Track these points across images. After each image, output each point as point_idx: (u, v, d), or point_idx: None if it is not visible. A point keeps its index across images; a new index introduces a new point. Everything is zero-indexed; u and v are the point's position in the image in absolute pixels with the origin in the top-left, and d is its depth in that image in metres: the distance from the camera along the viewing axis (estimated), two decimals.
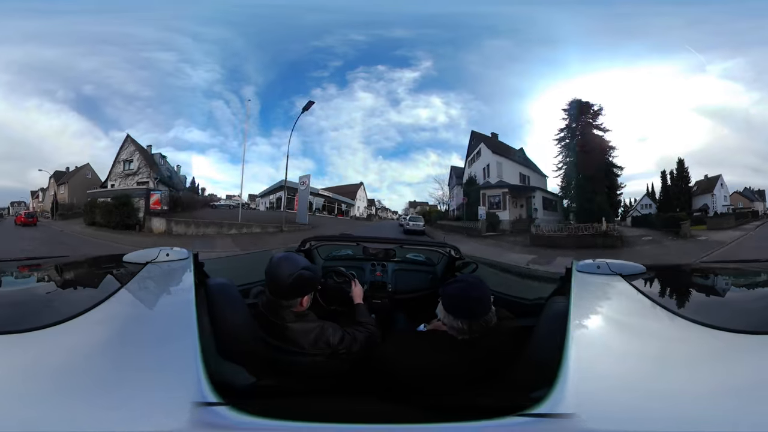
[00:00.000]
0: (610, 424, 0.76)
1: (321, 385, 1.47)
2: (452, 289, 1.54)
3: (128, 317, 1.19)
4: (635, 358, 0.97)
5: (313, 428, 0.83)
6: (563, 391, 0.83)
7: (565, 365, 0.90)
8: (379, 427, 0.84)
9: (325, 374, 1.51)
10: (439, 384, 1.33)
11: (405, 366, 1.42)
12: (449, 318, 1.49)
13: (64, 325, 1.03)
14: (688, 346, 1.01)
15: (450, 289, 1.55)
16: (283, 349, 1.47)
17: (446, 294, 1.54)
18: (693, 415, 0.75)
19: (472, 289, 1.51)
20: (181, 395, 0.82)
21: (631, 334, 1.14)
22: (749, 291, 1.79)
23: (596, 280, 1.54)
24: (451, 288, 1.55)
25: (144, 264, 1.57)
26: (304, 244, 2.77)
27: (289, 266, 1.52)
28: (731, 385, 0.82)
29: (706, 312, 1.22)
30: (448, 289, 1.55)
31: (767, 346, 0.93)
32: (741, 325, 0.99)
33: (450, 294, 1.53)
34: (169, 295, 1.44)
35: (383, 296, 2.73)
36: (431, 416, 0.89)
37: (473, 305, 1.47)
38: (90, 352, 0.97)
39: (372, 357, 1.56)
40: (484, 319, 1.46)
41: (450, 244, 2.97)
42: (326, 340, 1.52)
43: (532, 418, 0.78)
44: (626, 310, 1.34)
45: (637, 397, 0.80)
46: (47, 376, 0.85)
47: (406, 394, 1.25)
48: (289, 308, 1.53)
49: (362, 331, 1.70)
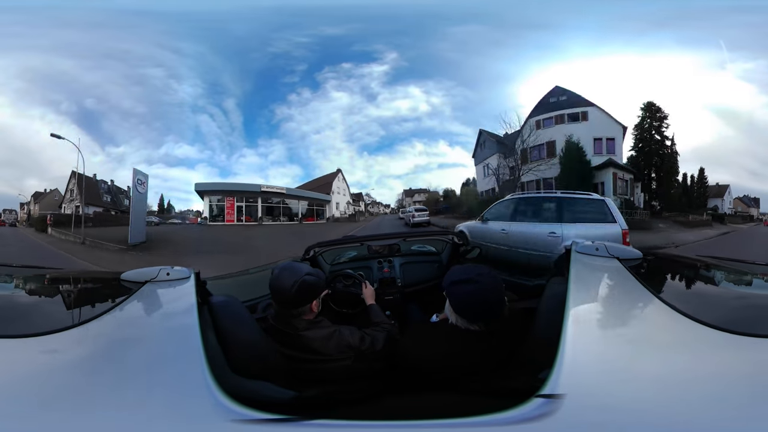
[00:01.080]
0: (597, 405, 0.78)
1: (362, 387, 1.46)
2: (463, 292, 1.35)
3: (124, 336, 1.16)
4: (622, 342, 1.01)
5: (364, 426, 0.84)
6: (560, 372, 0.85)
7: (562, 346, 0.91)
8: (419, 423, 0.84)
9: (359, 376, 1.50)
10: (456, 373, 1.32)
11: (424, 358, 1.39)
12: (462, 321, 1.36)
13: (50, 337, 1.00)
14: (670, 333, 1.04)
15: (460, 290, 1.35)
16: (302, 358, 1.45)
17: (456, 295, 1.37)
18: (667, 400, 0.77)
19: (488, 293, 1.32)
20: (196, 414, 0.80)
21: (621, 318, 1.18)
22: (740, 290, 1.80)
23: (594, 262, 1.55)
24: (461, 290, 1.35)
25: (143, 283, 1.53)
26: (308, 252, 2.76)
27: (291, 275, 1.51)
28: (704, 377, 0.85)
29: (693, 304, 1.25)
30: (458, 291, 1.36)
31: (752, 347, 0.95)
32: (727, 323, 1.02)
33: (461, 296, 1.35)
34: (171, 313, 1.40)
35: (394, 291, 2.74)
36: (462, 407, 0.90)
37: (490, 310, 1.33)
38: (81, 366, 0.94)
39: (395, 354, 1.54)
40: (501, 317, 1.36)
41: (452, 231, 2.98)
42: (347, 343, 1.51)
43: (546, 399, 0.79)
44: (620, 294, 1.36)
45: (620, 380, 0.83)
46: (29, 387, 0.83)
47: (434, 387, 1.25)
48: (299, 316, 1.52)
49: (380, 330, 1.70)
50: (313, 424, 0.80)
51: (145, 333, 1.23)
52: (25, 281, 2.05)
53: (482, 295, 1.32)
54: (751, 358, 0.92)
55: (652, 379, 0.83)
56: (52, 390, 0.83)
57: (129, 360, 0.98)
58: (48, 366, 0.93)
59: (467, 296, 1.34)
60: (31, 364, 0.92)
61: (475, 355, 1.33)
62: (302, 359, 1.45)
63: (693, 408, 0.76)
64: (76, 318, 1.13)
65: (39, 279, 2.18)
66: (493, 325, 1.36)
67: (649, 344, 0.99)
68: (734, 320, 1.11)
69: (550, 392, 0.80)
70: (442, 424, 0.82)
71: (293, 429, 0.79)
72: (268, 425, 0.79)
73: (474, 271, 1.38)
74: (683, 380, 0.83)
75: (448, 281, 1.42)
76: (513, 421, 0.77)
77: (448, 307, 1.43)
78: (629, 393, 0.79)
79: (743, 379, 0.83)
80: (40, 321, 1.27)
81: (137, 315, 1.32)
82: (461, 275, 1.39)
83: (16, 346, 0.98)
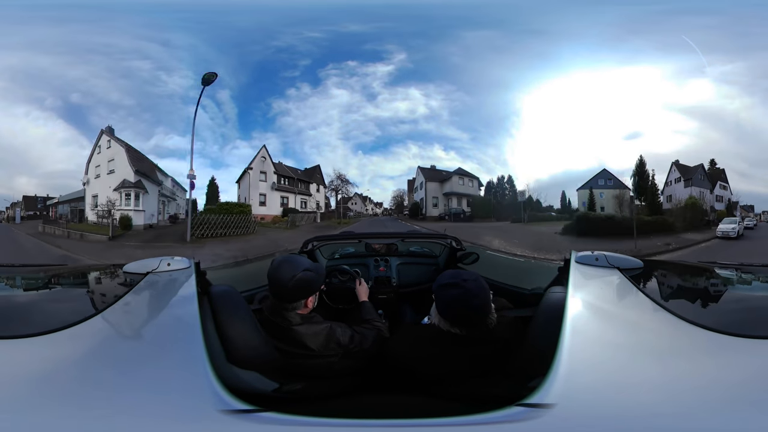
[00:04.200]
0: (592, 415, 0.78)
1: (344, 384, 1.48)
2: (448, 296, 1.37)
3: (129, 327, 1.18)
4: (622, 351, 1.00)
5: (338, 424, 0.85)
6: (554, 381, 0.85)
7: (558, 356, 0.91)
8: (395, 422, 0.86)
9: (343, 374, 1.50)
10: (438, 375, 1.33)
11: (409, 358, 1.41)
12: (445, 323, 1.38)
13: (59, 334, 1.03)
14: (676, 342, 1.04)
15: (446, 294, 1.37)
16: (293, 352, 1.46)
17: (441, 298, 1.39)
18: (670, 406, 0.78)
19: (471, 298, 1.34)
20: (195, 404, 0.82)
21: (623, 328, 1.16)
22: (742, 294, 1.80)
23: (594, 273, 1.53)
24: (447, 293, 1.37)
25: (144, 274, 1.57)
26: (307, 245, 2.76)
27: (290, 268, 1.50)
28: (706, 382, 0.85)
29: (696, 311, 1.25)
30: (444, 294, 1.38)
31: (754, 349, 0.96)
32: (730, 326, 1.02)
33: (446, 300, 1.37)
34: (172, 304, 1.43)
35: (388, 291, 2.74)
36: (440, 409, 0.91)
37: (472, 314, 1.35)
38: (88, 361, 0.97)
39: (383, 353, 1.55)
40: (484, 324, 1.36)
41: (450, 235, 2.98)
42: (337, 341, 1.51)
43: (530, 408, 0.80)
44: (621, 304, 1.34)
45: (621, 390, 0.83)
46: (41, 383, 0.85)
47: (422, 388, 1.26)
48: (294, 311, 1.52)
49: (370, 328, 1.70)
50: (284, 419, 0.81)
51: (149, 323, 1.27)
52: (28, 280, 2.09)
53: (465, 300, 1.34)
54: (753, 360, 0.92)
55: (655, 387, 0.83)
56: (61, 382, 0.86)
57: (133, 352, 1.02)
58: (56, 362, 0.95)
59: (451, 299, 1.36)
60: (41, 361, 0.94)
61: (457, 359, 1.35)
62: (291, 353, 1.46)
63: (695, 413, 0.77)
64: (83, 312, 1.15)
65: (42, 277, 2.22)
66: (479, 332, 1.37)
67: (651, 353, 0.98)
68: (734, 323, 1.11)
69: (539, 401, 0.80)
70: (414, 424, 0.83)
71: (266, 422, 0.81)
72: (245, 416, 0.81)
73: (462, 276, 1.40)
74: (686, 386, 0.83)
75: (436, 284, 1.45)
76: (488, 422, 0.78)
77: (434, 309, 1.46)
78: (629, 402, 0.79)
79: (745, 382, 0.84)
80: (47, 318, 1.29)
81: (140, 306, 1.35)
82: (449, 279, 1.42)
83: (23, 344, 1.00)
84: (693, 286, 1.93)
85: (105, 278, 2.09)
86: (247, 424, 0.80)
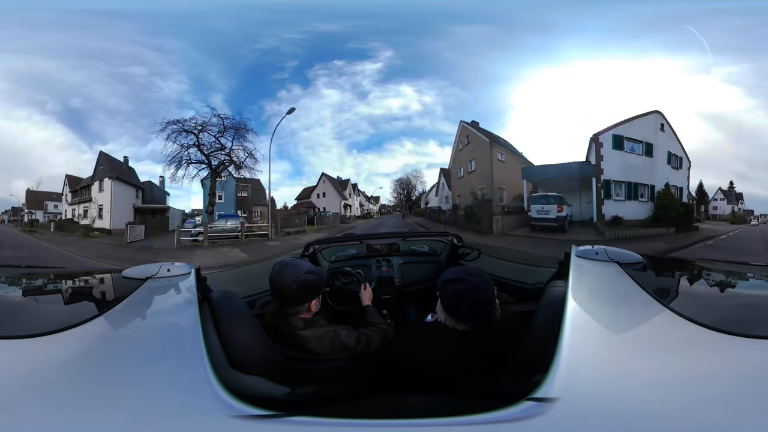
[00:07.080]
0: (595, 409, 0.78)
1: (355, 386, 1.46)
2: (453, 291, 1.36)
3: (127, 332, 1.17)
4: (622, 345, 1.01)
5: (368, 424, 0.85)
6: (556, 375, 0.85)
7: (559, 350, 0.92)
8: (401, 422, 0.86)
9: (351, 377, 1.49)
10: (446, 373, 1.31)
11: (416, 357, 1.40)
12: (450, 320, 1.37)
13: (54, 336, 1.02)
14: (671, 336, 1.05)
15: (450, 289, 1.37)
16: (297, 357, 1.45)
17: (446, 294, 1.38)
18: (668, 401, 0.78)
19: (476, 292, 1.34)
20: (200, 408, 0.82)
21: (621, 322, 1.17)
22: (741, 291, 1.80)
23: (594, 267, 1.55)
24: (451, 289, 1.37)
25: (144, 280, 1.55)
26: (308, 249, 2.76)
27: (291, 272, 1.49)
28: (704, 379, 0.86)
29: (692, 306, 1.25)
30: (448, 289, 1.38)
31: (750, 348, 0.97)
32: (728, 325, 1.03)
33: (450, 295, 1.37)
34: (172, 309, 1.42)
35: (392, 291, 2.74)
36: (454, 408, 0.91)
37: (478, 309, 1.34)
38: (86, 363, 0.96)
39: (391, 354, 1.54)
40: (490, 319, 1.37)
41: (451, 232, 2.99)
42: (342, 344, 1.50)
43: (537, 403, 0.80)
44: (619, 298, 1.36)
45: (619, 384, 0.84)
46: (37, 385, 0.85)
47: (430, 386, 1.25)
48: (297, 315, 1.50)
49: (375, 330, 1.69)
50: (305, 421, 0.81)
51: (148, 330, 1.25)
52: (29, 282, 2.08)
53: (470, 294, 1.33)
54: (748, 359, 0.93)
55: (653, 382, 0.83)
56: (57, 387, 0.85)
57: (132, 357, 1.00)
58: (53, 364, 0.95)
59: (455, 295, 1.36)
60: (37, 363, 0.94)
61: (463, 355, 1.34)
62: (297, 358, 1.45)
63: (692, 410, 0.77)
64: (80, 316, 1.14)
65: (43, 279, 2.22)
66: (483, 327, 1.36)
67: (649, 347, 0.99)
68: (732, 321, 1.12)
69: (543, 396, 0.80)
70: (425, 423, 0.83)
71: (286, 425, 0.80)
72: (262, 421, 0.80)
73: (466, 271, 1.40)
74: (683, 382, 0.84)
75: (441, 281, 1.44)
76: (500, 420, 0.78)
77: (439, 306, 1.45)
78: (628, 396, 0.80)
79: (742, 381, 0.84)
80: (45, 321, 1.28)
81: (139, 312, 1.33)
82: (453, 275, 1.41)
83: (22, 346, 0.99)
84: (690, 282, 1.94)
85: (104, 283, 2.07)
86: (276, 426, 0.80)
